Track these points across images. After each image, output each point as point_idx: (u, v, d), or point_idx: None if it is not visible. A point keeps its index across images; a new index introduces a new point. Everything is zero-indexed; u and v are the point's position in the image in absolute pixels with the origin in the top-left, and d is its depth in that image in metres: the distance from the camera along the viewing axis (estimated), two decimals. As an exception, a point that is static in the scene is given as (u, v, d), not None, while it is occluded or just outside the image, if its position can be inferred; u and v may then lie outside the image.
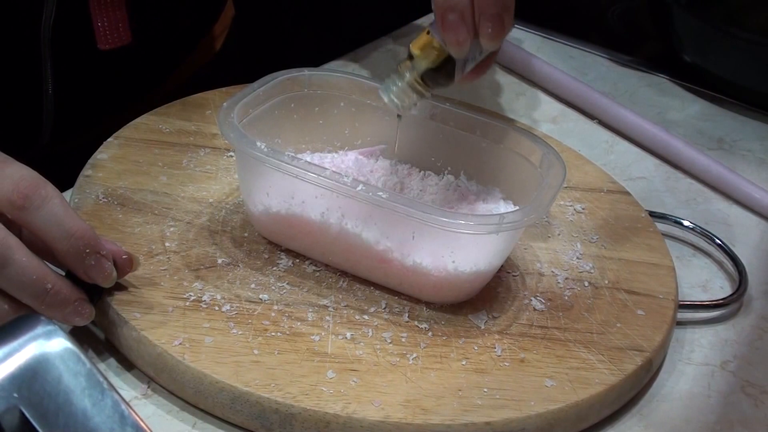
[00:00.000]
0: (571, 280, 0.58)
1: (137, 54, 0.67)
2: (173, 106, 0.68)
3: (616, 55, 0.95)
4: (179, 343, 0.48)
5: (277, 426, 0.46)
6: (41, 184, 0.46)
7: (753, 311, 0.62)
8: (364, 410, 0.46)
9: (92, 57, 0.63)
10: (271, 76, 0.58)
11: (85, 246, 0.47)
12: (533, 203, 0.51)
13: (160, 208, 0.58)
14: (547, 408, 0.48)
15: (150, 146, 0.63)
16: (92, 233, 0.47)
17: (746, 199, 0.73)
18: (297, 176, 0.51)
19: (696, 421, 0.52)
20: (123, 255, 0.49)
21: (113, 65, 0.67)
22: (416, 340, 0.51)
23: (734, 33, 0.85)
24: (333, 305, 0.52)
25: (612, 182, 0.68)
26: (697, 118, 0.86)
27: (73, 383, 0.39)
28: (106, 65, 0.67)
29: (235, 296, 0.52)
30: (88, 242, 0.47)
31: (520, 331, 0.53)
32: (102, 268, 0.48)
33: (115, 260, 0.49)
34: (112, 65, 0.67)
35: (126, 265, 0.50)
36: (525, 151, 0.57)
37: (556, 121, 0.82)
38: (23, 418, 0.37)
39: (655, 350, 0.53)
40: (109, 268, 0.48)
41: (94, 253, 0.47)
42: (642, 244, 0.62)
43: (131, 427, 0.38)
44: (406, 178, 0.60)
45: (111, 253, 0.48)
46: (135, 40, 0.64)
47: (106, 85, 0.72)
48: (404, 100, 0.55)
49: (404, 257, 0.52)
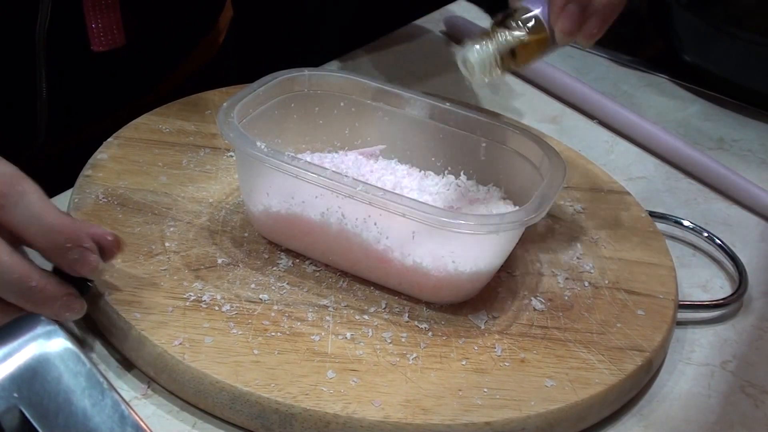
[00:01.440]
0: (571, 280, 0.58)
1: (132, 56, 0.67)
2: (173, 106, 0.68)
3: (616, 55, 0.95)
4: (179, 343, 0.48)
5: (277, 426, 0.46)
6: (18, 180, 0.45)
7: (753, 311, 0.62)
8: (364, 410, 0.46)
9: (86, 59, 0.63)
10: (271, 76, 0.58)
11: (66, 240, 0.45)
12: (533, 203, 0.51)
13: (160, 208, 0.58)
14: (547, 408, 0.48)
15: (150, 146, 0.63)
16: (73, 226, 0.46)
17: (746, 199, 0.73)
18: (297, 176, 0.51)
19: (696, 421, 0.52)
20: (108, 237, 0.47)
21: (108, 67, 0.67)
22: (416, 340, 0.51)
23: (734, 33, 0.84)
24: (333, 305, 0.52)
25: (612, 182, 0.68)
26: (697, 118, 0.86)
27: (73, 383, 0.39)
28: (100, 67, 0.67)
29: (235, 296, 0.52)
30: (69, 236, 0.45)
31: (520, 331, 0.53)
32: (86, 262, 0.46)
33: (101, 245, 0.47)
34: (107, 67, 0.67)
35: (113, 246, 0.48)
36: (525, 151, 0.57)
37: (556, 121, 0.82)
38: (23, 418, 0.37)
39: (655, 350, 0.53)
40: (94, 261, 0.46)
41: (77, 247, 0.45)
42: (642, 244, 0.62)
43: (131, 427, 0.38)
44: (406, 178, 0.60)
45: (96, 238, 0.47)
46: (130, 43, 0.64)
47: (101, 87, 0.72)
48: (485, 67, 0.54)
49: (404, 257, 0.52)
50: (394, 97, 0.60)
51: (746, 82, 0.86)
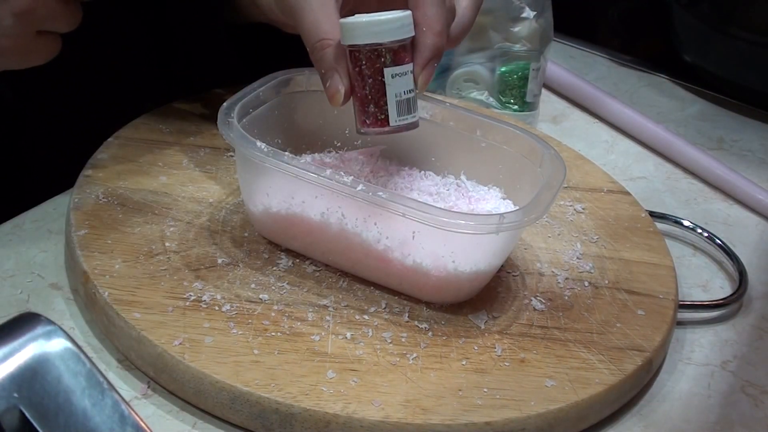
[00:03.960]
0: (571, 280, 0.58)
1: (132, 56, 0.67)
2: (173, 106, 0.68)
3: (616, 55, 0.95)
4: (179, 343, 0.48)
5: (277, 426, 0.46)
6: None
7: (753, 311, 0.62)
8: (364, 410, 0.46)
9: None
10: (271, 76, 0.58)
11: None
12: (533, 203, 0.51)
13: (160, 208, 0.58)
14: (547, 408, 0.48)
15: (150, 146, 0.63)
16: None
17: (746, 199, 0.73)
18: (297, 176, 0.51)
19: (696, 421, 0.52)
20: None
21: (108, 67, 0.67)
22: (416, 340, 0.51)
23: (734, 33, 0.85)
24: (333, 305, 0.52)
25: (612, 182, 0.68)
26: (697, 118, 0.86)
27: (73, 383, 0.39)
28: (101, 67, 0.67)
29: (235, 296, 0.52)
30: None
31: (520, 331, 0.53)
32: None
33: None
34: (108, 66, 0.67)
35: None
36: (525, 151, 0.57)
37: (556, 121, 0.82)
38: (23, 418, 0.37)
39: (655, 350, 0.53)
40: None
41: None
42: (642, 244, 0.62)
43: (131, 427, 0.38)
44: (406, 178, 0.60)
45: None
46: (131, 43, 0.63)
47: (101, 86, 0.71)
48: None
49: (404, 257, 0.52)
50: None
51: (746, 82, 0.87)
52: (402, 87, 0.51)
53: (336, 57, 0.51)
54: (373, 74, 0.50)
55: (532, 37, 0.75)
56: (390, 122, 0.52)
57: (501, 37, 0.75)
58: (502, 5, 0.74)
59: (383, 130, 0.52)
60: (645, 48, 0.98)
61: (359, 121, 0.53)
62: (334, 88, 0.51)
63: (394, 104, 0.51)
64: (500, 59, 0.76)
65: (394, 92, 0.51)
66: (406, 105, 0.52)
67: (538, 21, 0.74)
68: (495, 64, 0.76)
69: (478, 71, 0.76)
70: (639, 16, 1.02)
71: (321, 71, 0.52)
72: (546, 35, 0.76)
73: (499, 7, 0.74)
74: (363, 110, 0.52)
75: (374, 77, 0.51)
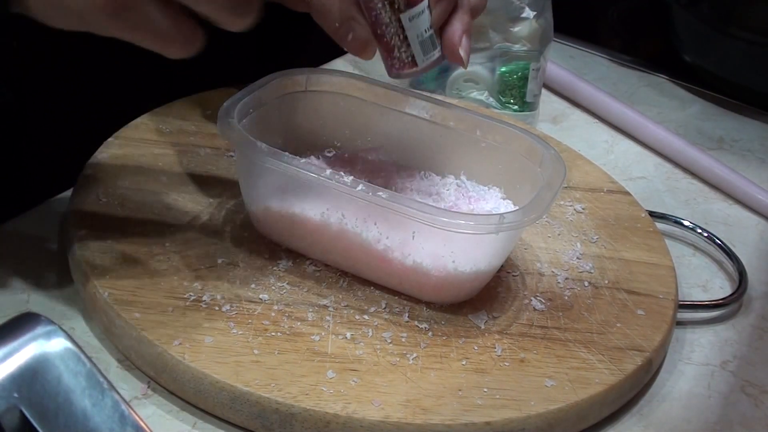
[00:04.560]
0: (571, 280, 0.58)
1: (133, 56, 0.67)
2: (173, 106, 0.68)
3: (616, 55, 0.95)
4: (179, 343, 0.48)
5: (277, 426, 0.46)
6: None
7: (753, 311, 0.62)
8: (364, 410, 0.46)
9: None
10: (271, 76, 0.58)
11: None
12: (533, 203, 0.51)
13: (160, 208, 0.58)
14: (547, 408, 0.48)
15: (150, 146, 0.63)
16: None
17: (746, 199, 0.73)
18: (297, 176, 0.51)
19: (696, 421, 0.52)
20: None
21: (109, 66, 0.67)
22: (416, 340, 0.51)
23: (734, 33, 0.85)
24: (333, 305, 0.52)
25: (612, 182, 0.68)
26: (697, 118, 0.86)
27: (73, 383, 0.39)
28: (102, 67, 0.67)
29: (235, 296, 0.52)
30: None
31: (520, 331, 0.53)
32: None
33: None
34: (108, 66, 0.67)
35: None
36: (525, 151, 0.57)
37: (556, 121, 0.82)
38: (23, 418, 0.37)
39: (655, 350, 0.53)
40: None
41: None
42: (642, 244, 0.62)
43: (131, 427, 0.38)
44: (406, 178, 0.60)
45: None
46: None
47: (101, 86, 0.71)
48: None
49: (404, 257, 0.52)
50: (394, 96, 0.60)
51: (746, 82, 0.87)
52: (421, 27, 0.51)
53: (347, 6, 0.50)
54: (390, 21, 0.51)
55: (532, 37, 0.75)
56: (418, 63, 0.53)
57: (501, 37, 0.75)
58: (502, 5, 0.74)
59: (415, 71, 0.53)
60: (645, 48, 0.98)
61: (388, 67, 0.53)
62: (359, 37, 0.50)
63: (418, 45, 0.52)
64: (500, 59, 0.76)
65: (416, 34, 0.51)
66: (429, 42, 0.52)
67: (538, 21, 0.74)
68: (495, 64, 0.76)
69: (478, 71, 0.76)
70: (639, 16, 1.02)
71: (335, 25, 0.51)
72: (546, 35, 0.76)
73: (499, 7, 0.74)
74: (389, 57, 0.53)
75: (392, 23, 0.51)
